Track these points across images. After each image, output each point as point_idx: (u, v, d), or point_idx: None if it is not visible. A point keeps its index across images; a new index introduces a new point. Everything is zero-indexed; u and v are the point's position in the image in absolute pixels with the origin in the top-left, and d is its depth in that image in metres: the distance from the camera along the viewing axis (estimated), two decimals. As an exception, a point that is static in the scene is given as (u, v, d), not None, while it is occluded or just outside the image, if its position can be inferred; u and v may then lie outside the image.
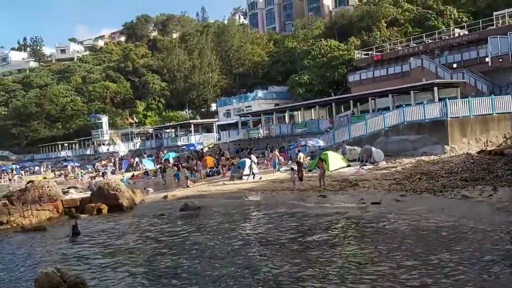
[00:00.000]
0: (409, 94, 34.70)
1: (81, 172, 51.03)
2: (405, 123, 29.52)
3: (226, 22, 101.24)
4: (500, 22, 43.87)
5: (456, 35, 47.55)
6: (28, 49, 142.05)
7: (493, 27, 43.37)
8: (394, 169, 24.20)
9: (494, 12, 46.04)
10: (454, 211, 14.40)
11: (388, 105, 35.95)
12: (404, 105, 31.65)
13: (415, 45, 49.42)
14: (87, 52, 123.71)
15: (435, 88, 32.95)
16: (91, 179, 39.05)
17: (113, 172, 46.71)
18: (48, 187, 22.72)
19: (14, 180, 51.86)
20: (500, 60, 37.74)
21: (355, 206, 16.92)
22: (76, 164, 59.52)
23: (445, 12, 59.16)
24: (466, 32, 47.22)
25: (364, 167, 25.72)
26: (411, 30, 58.66)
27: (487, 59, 39.18)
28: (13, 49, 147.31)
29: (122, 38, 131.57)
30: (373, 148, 27.53)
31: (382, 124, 30.53)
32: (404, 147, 28.58)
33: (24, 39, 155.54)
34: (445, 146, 26.87)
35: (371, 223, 14.04)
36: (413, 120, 29.34)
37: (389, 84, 41.33)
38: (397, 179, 21.30)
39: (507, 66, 37.06)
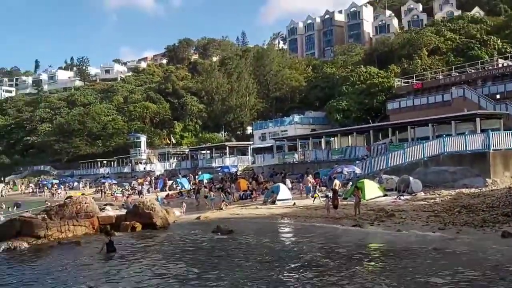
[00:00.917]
0: (450, 124, 33.75)
1: (118, 190, 52.15)
2: (446, 153, 28.66)
3: (265, 46, 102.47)
4: (547, 52, 42.52)
5: (500, 65, 46.33)
6: (75, 68, 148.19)
7: (539, 57, 42.10)
8: (432, 200, 23.43)
9: (540, 44, 44.75)
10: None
11: (427, 134, 35.07)
12: (444, 135, 30.81)
13: (457, 74, 48.47)
14: (130, 73, 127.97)
15: (477, 119, 31.98)
16: (127, 197, 39.85)
17: (148, 191, 47.36)
18: (85, 203, 23.20)
19: (58, 193, 53.61)
20: (547, 91, 36.43)
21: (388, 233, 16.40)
22: (114, 181, 60.77)
23: (489, 42, 58.05)
24: (510, 63, 45.94)
25: (402, 197, 25.03)
26: (453, 59, 57.72)
27: (533, 91, 37.91)
28: (60, 68, 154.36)
29: (164, 61, 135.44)
30: (411, 178, 26.80)
31: (421, 153, 29.73)
32: (443, 178, 27.67)
33: (71, 59, 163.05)
34: (487, 179, 25.86)
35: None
36: (453, 151, 28.45)
37: (429, 113, 40.41)
38: (436, 211, 20.58)
39: (553, 99, 35.71)
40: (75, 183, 67.58)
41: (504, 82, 42.17)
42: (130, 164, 73.05)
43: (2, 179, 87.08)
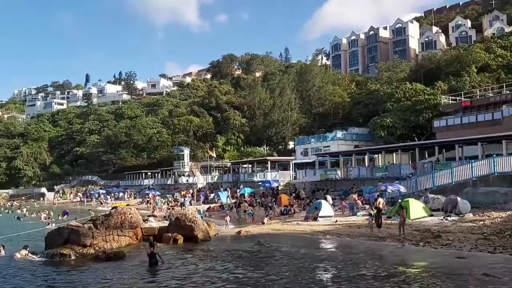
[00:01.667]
0: (501, 143, 32.45)
1: (161, 201, 53.16)
2: (496, 174, 27.52)
3: (308, 62, 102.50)
4: None
5: (556, 83, 44.26)
6: (123, 82, 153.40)
7: None
8: (481, 222, 22.49)
9: None
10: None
11: (476, 153, 33.84)
12: (494, 155, 29.60)
13: (508, 92, 46.69)
14: (175, 88, 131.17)
15: (531, 139, 30.61)
16: (171, 209, 40.54)
17: (190, 203, 48.01)
18: (130, 214, 23.76)
19: (105, 203, 55.41)
20: None
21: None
22: (157, 193, 62.01)
23: (543, 59, 55.60)
24: None
25: (449, 218, 24.18)
26: (504, 77, 55.67)
27: None
28: (109, 82, 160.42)
29: (208, 76, 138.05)
30: (458, 198, 25.86)
31: (469, 173, 28.66)
32: (493, 199, 26.54)
33: (120, 73, 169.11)
34: (541, 202, 24.59)
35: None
36: (505, 171, 27.27)
37: (478, 132, 39.04)
38: (485, 234, 19.72)
39: None
40: (121, 194, 69.49)
41: (558, 101, 40.27)
42: (173, 176, 74.38)
43: (53, 187, 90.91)
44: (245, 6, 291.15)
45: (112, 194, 68.83)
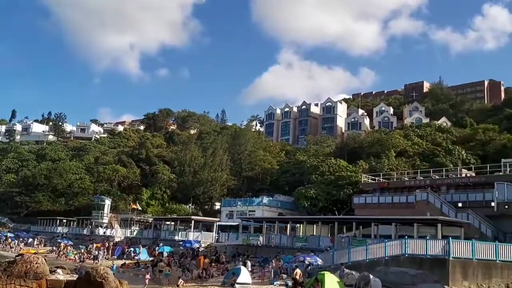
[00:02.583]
0: (413, 226, 34.57)
1: (73, 252, 50.10)
2: (407, 255, 28.94)
3: (243, 126, 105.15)
4: (508, 169, 44.99)
5: (464, 175, 48.52)
6: (51, 123, 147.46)
7: (501, 173, 44.34)
8: (390, 302, 23.43)
9: (502, 159, 47.50)
10: None
11: (390, 233, 35.64)
12: (406, 237, 31.36)
13: (422, 178, 50.35)
14: (106, 135, 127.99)
15: (439, 225, 32.88)
16: (81, 261, 38.41)
17: (105, 257, 45.69)
18: (36, 263, 22.28)
19: (17, 248, 51.23)
20: (506, 206, 38.13)
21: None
22: (70, 242, 58.45)
23: (454, 151, 61.15)
24: (473, 174, 48.27)
25: (360, 295, 24.95)
26: (419, 163, 60.20)
27: (492, 204, 39.49)
28: (36, 121, 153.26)
29: (142, 127, 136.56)
30: (371, 276, 26.82)
31: (383, 252, 29.97)
32: (403, 280, 27.73)
33: (49, 113, 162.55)
34: (445, 287, 26.13)
35: None
36: (414, 253, 28.82)
37: (393, 212, 41.48)
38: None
39: (512, 214, 37.34)
40: (30, 239, 64.61)
41: (466, 191, 43.87)
42: (90, 227, 70.79)
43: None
44: (187, 64, 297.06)
45: (21, 239, 63.81)
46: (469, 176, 47.33)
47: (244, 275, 28.78)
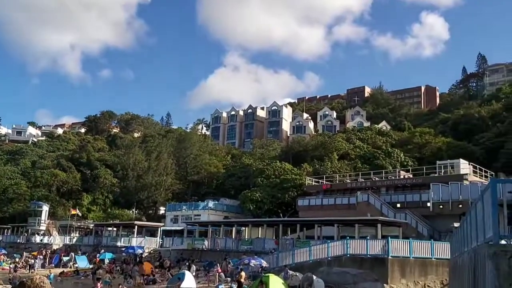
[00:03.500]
0: (354, 226, 35.62)
1: (6, 261, 47.41)
2: (348, 255, 29.69)
3: (188, 130, 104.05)
4: (443, 171, 47.41)
5: (402, 177, 50.55)
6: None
7: (436, 175, 46.64)
8: (332, 301, 23.95)
9: (437, 161, 50.03)
10: None
11: (333, 234, 36.48)
12: (348, 237, 32.23)
13: (362, 180, 51.97)
14: (44, 138, 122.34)
15: (379, 225, 34.08)
16: (15, 270, 36.43)
17: (42, 266, 43.59)
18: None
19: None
20: (441, 206, 40.07)
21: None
22: (3, 251, 55.24)
23: (393, 154, 63.64)
24: (411, 176, 50.37)
25: (304, 295, 25.32)
26: (360, 166, 62.13)
27: (428, 204, 41.40)
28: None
29: (83, 130, 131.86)
30: (314, 277, 27.30)
31: (326, 253, 30.57)
32: (345, 279, 28.48)
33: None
34: (385, 285, 27.03)
35: None
36: (356, 253, 29.61)
37: (336, 214, 42.51)
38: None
39: (447, 213, 39.36)
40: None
41: (404, 192, 45.80)
42: (26, 234, 67.24)
43: None
44: (131, 65, 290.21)
45: None
46: (406, 178, 49.35)
47: (189, 280, 28.40)
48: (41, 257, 48.29)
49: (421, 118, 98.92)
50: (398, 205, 43.82)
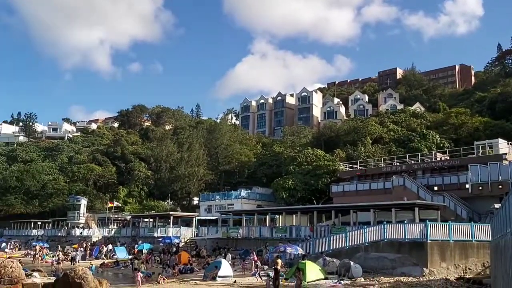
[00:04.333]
0: (391, 211, 34.93)
1: (49, 254, 49.02)
2: (386, 240, 29.27)
3: (218, 120, 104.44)
4: (481, 151, 45.97)
5: (438, 159, 49.32)
6: (21, 123, 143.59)
7: (474, 156, 45.29)
8: (372, 287, 23.64)
9: (475, 142, 48.48)
10: None
11: (369, 219, 35.97)
12: (385, 222, 31.70)
13: (398, 164, 50.96)
14: (79, 133, 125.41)
15: (416, 209, 33.31)
16: (58, 263, 37.53)
17: (83, 258, 44.84)
18: (10, 267, 21.56)
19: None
20: (480, 188, 38.87)
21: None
22: (46, 245, 57.17)
23: (428, 136, 62.08)
24: (448, 157, 49.07)
25: (342, 282, 25.08)
26: (395, 149, 60.94)
27: (467, 186, 40.25)
28: (5, 122, 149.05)
29: (116, 124, 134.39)
30: (351, 263, 27.06)
31: (362, 238, 30.21)
32: (383, 264, 28.14)
33: (18, 113, 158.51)
34: (424, 269, 26.50)
35: None
36: (393, 238, 29.14)
37: (371, 199, 41.84)
38: (374, 298, 20.72)
39: (486, 195, 38.14)
40: (3, 244, 62.89)
41: (441, 175, 44.67)
42: (66, 228, 69.38)
43: None
44: (160, 58, 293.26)
45: (-7, 244, 62.08)
46: (443, 160, 48.13)
47: (225, 268, 28.65)
48: (82, 249, 49.73)
49: (456, 98, 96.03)
50: (436, 188, 42.81)
